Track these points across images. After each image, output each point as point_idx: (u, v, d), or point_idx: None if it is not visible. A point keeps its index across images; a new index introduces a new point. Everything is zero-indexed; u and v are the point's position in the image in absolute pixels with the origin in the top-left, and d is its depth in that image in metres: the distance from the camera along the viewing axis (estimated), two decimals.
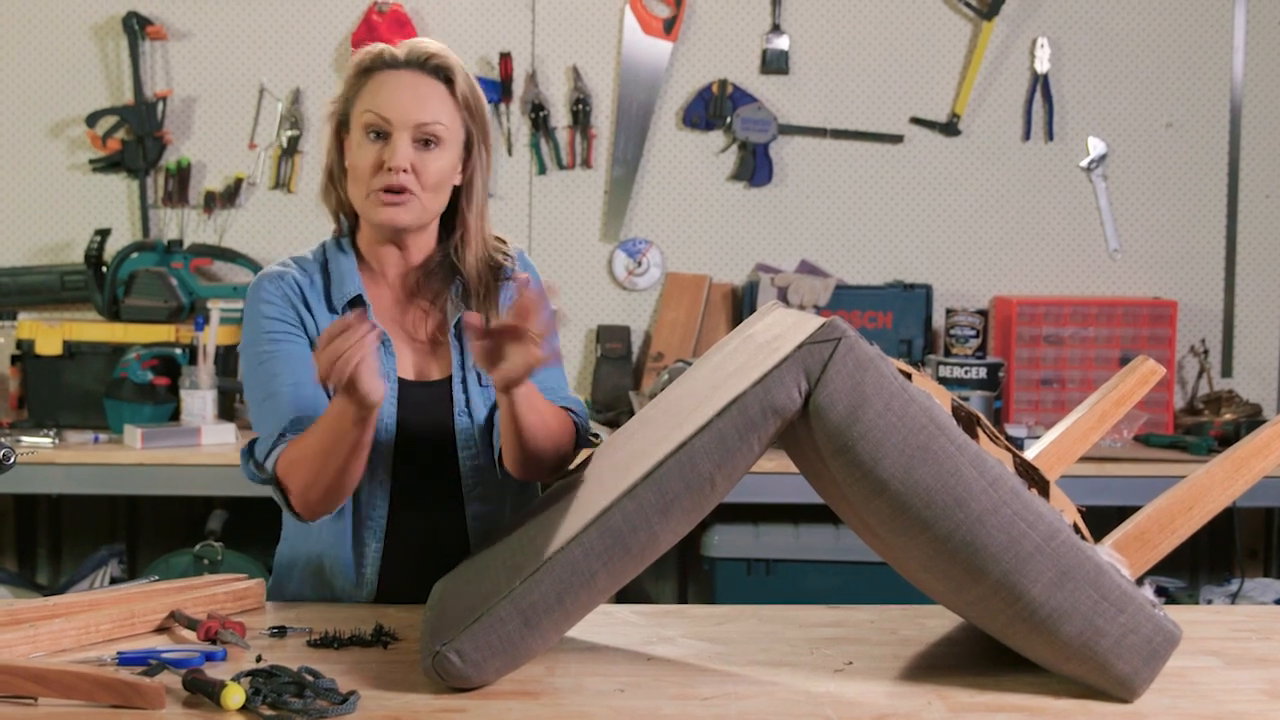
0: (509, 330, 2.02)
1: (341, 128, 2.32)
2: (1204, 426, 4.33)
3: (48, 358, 4.21)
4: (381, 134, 2.24)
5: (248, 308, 2.32)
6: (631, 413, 4.18)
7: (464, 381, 2.34)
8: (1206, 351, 4.66)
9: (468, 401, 2.33)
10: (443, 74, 2.28)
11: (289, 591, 2.39)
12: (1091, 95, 4.68)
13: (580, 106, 4.58)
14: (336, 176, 2.34)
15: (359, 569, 2.33)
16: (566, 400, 2.35)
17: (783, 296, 4.47)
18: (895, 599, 2.42)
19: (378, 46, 2.30)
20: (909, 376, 1.90)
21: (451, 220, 2.36)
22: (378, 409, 2.12)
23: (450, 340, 2.34)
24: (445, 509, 2.34)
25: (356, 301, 2.31)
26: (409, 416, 2.31)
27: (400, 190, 2.23)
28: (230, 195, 4.55)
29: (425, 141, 2.25)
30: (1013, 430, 4.22)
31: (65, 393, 4.20)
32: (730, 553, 4.19)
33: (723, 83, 4.61)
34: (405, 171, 2.23)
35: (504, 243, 2.42)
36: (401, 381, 2.32)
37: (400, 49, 2.29)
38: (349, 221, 2.37)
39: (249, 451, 2.26)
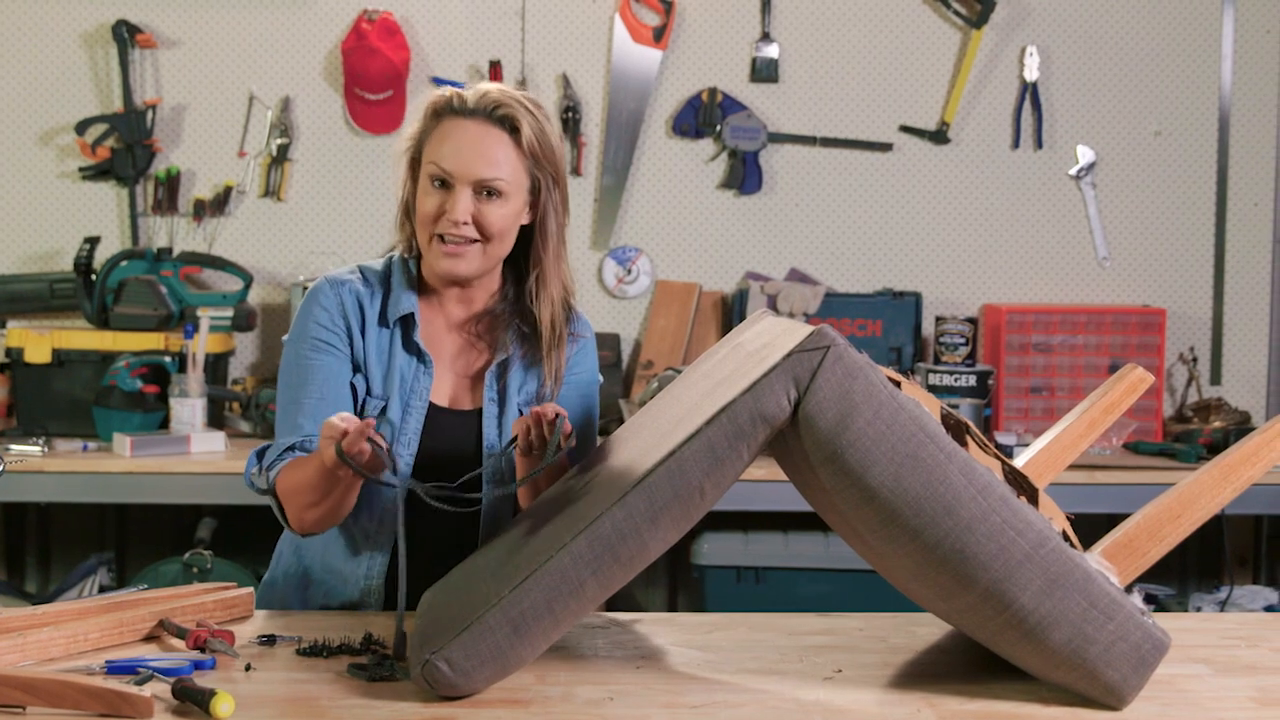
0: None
1: (415, 164, 2.34)
2: (1193, 434, 4.33)
3: (37, 366, 4.20)
4: (444, 183, 2.27)
5: (304, 305, 2.36)
6: (621, 421, 4.18)
7: (499, 416, 2.36)
8: (1195, 359, 4.67)
9: (500, 434, 2.35)
10: (508, 124, 2.29)
11: (288, 604, 2.41)
12: (1080, 103, 4.69)
13: (570, 114, 4.58)
14: (412, 210, 2.36)
15: (367, 579, 2.36)
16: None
17: (772, 304, 4.47)
18: (885, 607, 2.42)
19: (450, 90, 2.32)
20: (898, 384, 1.91)
21: (523, 262, 2.38)
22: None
23: (489, 377, 2.36)
24: (460, 534, 2.34)
25: (408, 319, 2.34)
26: (433, 441, 2.34)
27: (461, 241, 2.27)
28: (219, 203, 4.54)
29: (487, 192, 2.27)
30: (1002, 438, 4.22)
31: (54, 401, 4.19)
32: (720, 560, 4.19)
33: (712, 91, 4.61)
34: (465, 224, 2.26)
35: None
36: (432, 406, 2.35)
37: (471, 95, 2.30)
38: (419, 251, 2.39)
39: (259, 456, 2.31)
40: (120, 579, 4.41)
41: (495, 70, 4.55)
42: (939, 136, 4.66)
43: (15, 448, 3.97)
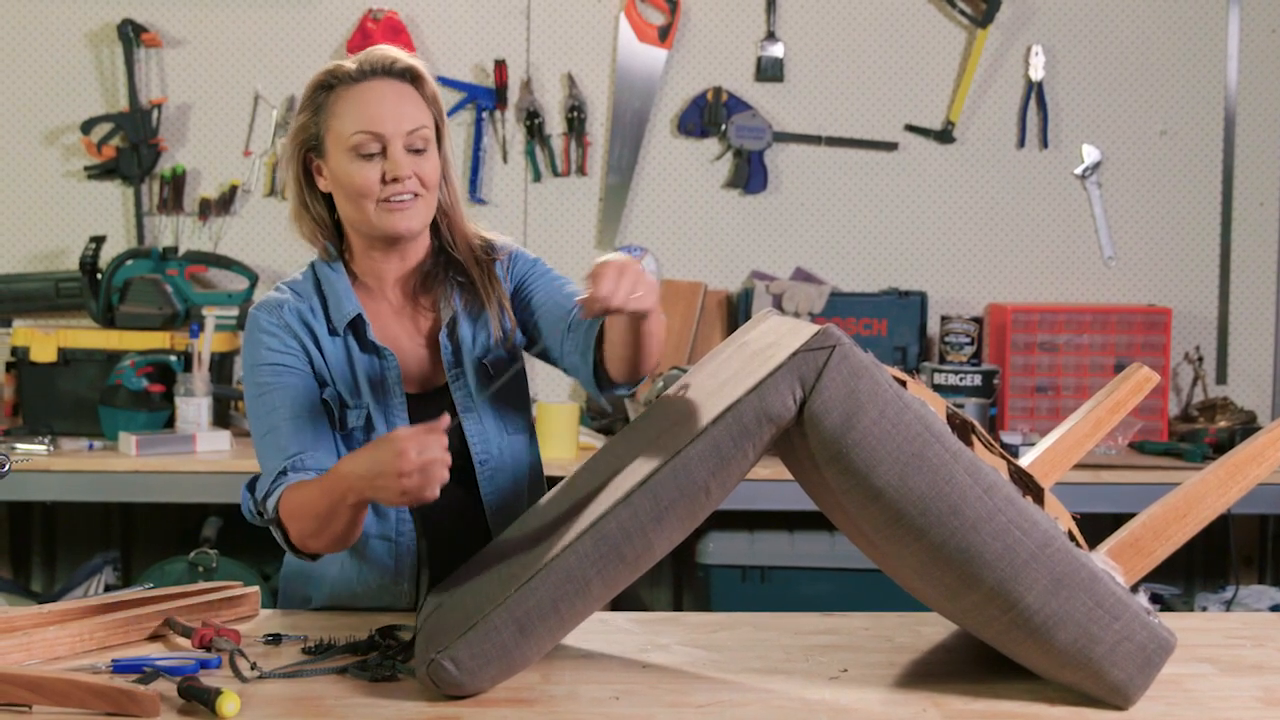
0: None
1: (312, 152, 2.30)
2: (1199, 433, 4.33)
3: (43, 365, 4.21)
4: (373, 151, 2.24)
5: (246, 339, 2.30)
6: (626, 420, 4.18)
7: (460, 377, 2.34)
8: (1201, 359, 4.66)
9: (471, 400, 2.33)
10: (409, 75, 2.29)
11: (309, 591, 2.37)
12: (1086, 103, 4.69)
13: (575, 114, 4.58)
14: (309, 202, 2.33)
15: (397, 579, 2.33)
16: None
17: (777, 304, 4.47)
18: (890, 606, 2.42)
19: (332, 64, 2.29)
20: (904, 384, 1.91)
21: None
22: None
23: (441, 340, 2.34)
24: (469, 509, 2.32)
25: (356, 321, 2.30)
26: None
27: (407, 196, 2.25)
28: (225, 202, 4.55)
29: (415, 148, 2.26)
30: (1007, 437, 4.22)
31: (60, 400, 4.19)
32: (725, 560, 4.19)
33: (717, 90, 4.61)
34: (410, 177, 2.24)
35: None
36: (409, 397, 2.32)
37: (361, 60, 2.28)
38: (334, 244, 2.35)
39: (250, 489, 2.23)
40: (126, 578, 4.41)
41: (500, 69, 4.55)
42: (944, 136, 4.66)
43: (21, 447, 3.97)
